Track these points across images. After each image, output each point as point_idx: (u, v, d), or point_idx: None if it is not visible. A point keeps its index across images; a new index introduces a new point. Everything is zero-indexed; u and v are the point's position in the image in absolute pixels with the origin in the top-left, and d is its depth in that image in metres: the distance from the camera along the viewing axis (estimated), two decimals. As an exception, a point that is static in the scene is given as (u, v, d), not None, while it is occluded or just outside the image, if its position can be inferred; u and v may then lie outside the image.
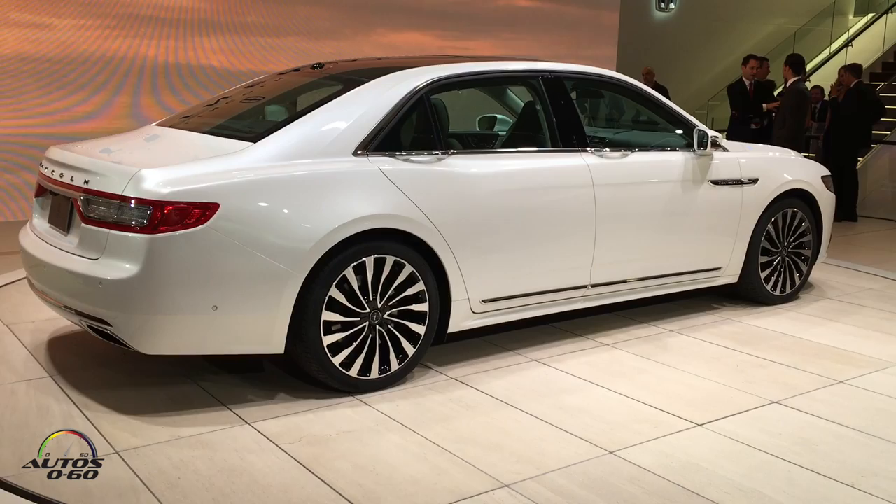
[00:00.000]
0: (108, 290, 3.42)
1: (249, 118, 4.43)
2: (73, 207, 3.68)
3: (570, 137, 4.55)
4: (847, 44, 16.39)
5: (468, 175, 4.12)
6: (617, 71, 5.27)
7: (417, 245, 3.94)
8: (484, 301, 4.23)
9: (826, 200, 5.72)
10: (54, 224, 3.92)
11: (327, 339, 3.72)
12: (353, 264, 3.74)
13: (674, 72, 13.85)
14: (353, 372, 3.82)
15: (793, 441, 3.48)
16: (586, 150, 4.57)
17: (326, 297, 3.68)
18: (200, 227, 3.42)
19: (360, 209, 3.73)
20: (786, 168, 5.51)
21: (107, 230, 3.47)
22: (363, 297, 3.79)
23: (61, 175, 3.78)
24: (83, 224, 3.59)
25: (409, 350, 3.98)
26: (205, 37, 8.46)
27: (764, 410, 3.81)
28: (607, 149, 4.71)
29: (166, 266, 3.39)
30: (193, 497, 2.92)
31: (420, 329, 4.00)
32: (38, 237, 3.96)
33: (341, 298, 3.73)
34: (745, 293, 5.52)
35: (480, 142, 4.76)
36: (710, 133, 5.00)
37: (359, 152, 3.86)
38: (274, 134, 3.79)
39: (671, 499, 2.99)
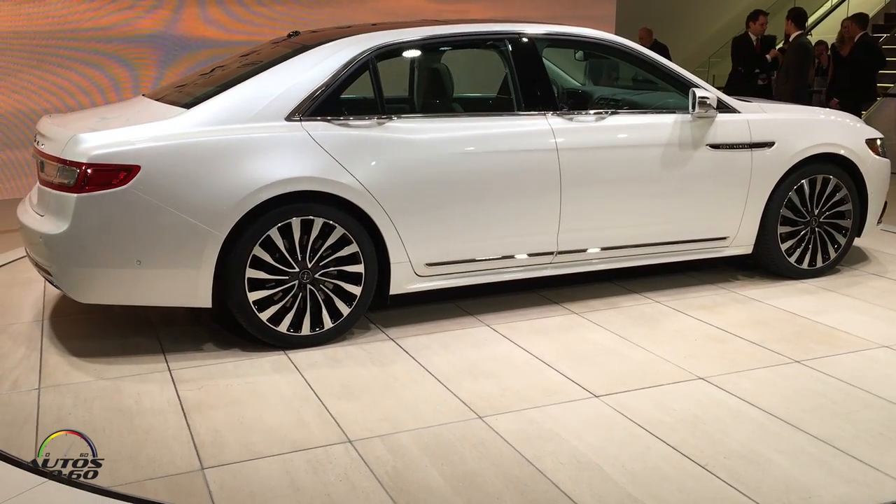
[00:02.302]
0: (48, 244, 3.80)
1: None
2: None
3: (534, 100, 4.46)
4: None
5: (409, 140, 4.16)
6: (616, 29, 5.07)
7: (351, 208, 4.04)
8: (429, 264, 4.27)
9: (872, 165, 5.20)
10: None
11: (253, 296, 3.93)
12: (278, 225, 3.91)
13: (674, 29, 13.56)
14: (283, 328, 4.01)
15: (679, 419, 3.31)
16: (553, 114, 4.45)
17: (250, 256, 3.88)
18: (122, 187, 3.71)
19: (281, 172, 3.89)
20: (813, 130, 5.07)
21: (50, 190, 3.85)
22: (291, 257, 3.96)
23: (36, 142, 4.20)
24: (38, 184, 4.00)
25: (345, 310, 4.11)
26: (200, 7, 8.45)
27: (680, 386, 3.63)
28: (582, 111, 4.57)
29: (91, 223, 3.72)
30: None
31: (356, 290, 4.12)
32: (28, 203, 4.41)
33: (266, 257, 3.92)
34: (767, 266, 5.17)
35: (440, 106, 4.73)
36: (712, 93, 4.70)
37: (292, 117, 4.01)
38: (209, 100, 4.01)
39: (500, 465, 2.96)
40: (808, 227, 5.12)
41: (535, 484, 2.84)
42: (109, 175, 3.71)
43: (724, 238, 4.94)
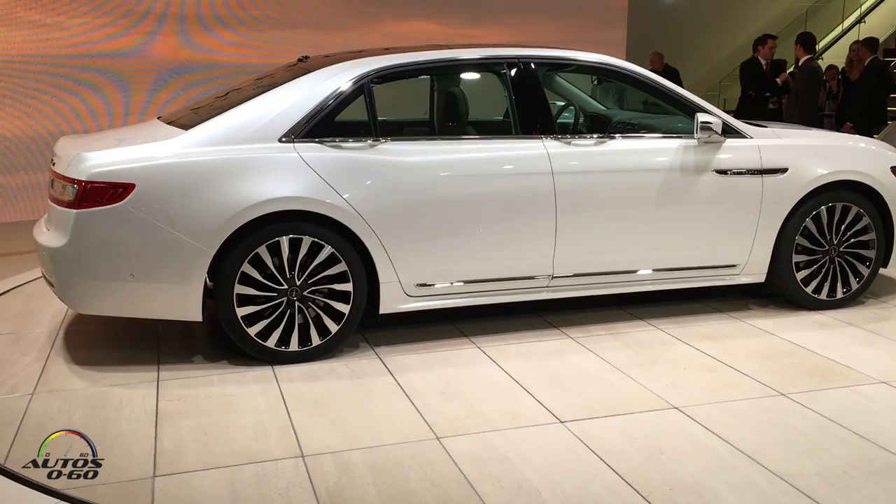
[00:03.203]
0: (50, 257, 4.00)
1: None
2: (52, 187, 4.33)
3: (531, 124, 4.47)
4: (860, 20, 15.95)
5: (400, 162, 4.22)
6: (627, 53, 5.06)
7: (340, 228, 4.13)
8: (419, 285, 4.32)
9: (899, 193, 5.01)
10: None
11: (241, 311, 4.05)
12: (266, 243, 4.02)
13: (685, 53, 13.70)
14: (271, 343, 4.11)
15: (638, 448, 3.25)
16: (550, 138, 4.46)
17: (239, 272, 4.01)
18: (118, 204, 3.89)
19: (268, 192, 4.00)
20: (832, 157, 4.91)
21: (55, 206, 4.06)
22: (280, 275, 4.07)
23: (52, 161, 4.44)
24: (48, 200, 4.22)
25: (333, 328, 4.19)
26: (217, 32, 8.61)
27: (651, 415, 3.57)
28: (582, 135, 4.56)
29: (88, 237, 3.91)
30: (38, 439, 3.36)
31: (344, 308, 4.19)
32: (43, 221, 4.60)
33: (255, 274, 4.04)
34: (783, 295, 5.03)
35: (436, 130, 4.77)
36: (717, 118, 4.61)
37: (284, 139, 4.13)
38: (207, 122, 4.17)
39: (440, 486, 2.98)
40: (826, 257, 4.95)
41: (469, 506, 2.85)
42: (106, 192, 3.89)
43: (734, 266, 4.82)
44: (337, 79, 4.28)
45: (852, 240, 4.98)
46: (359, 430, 3.42)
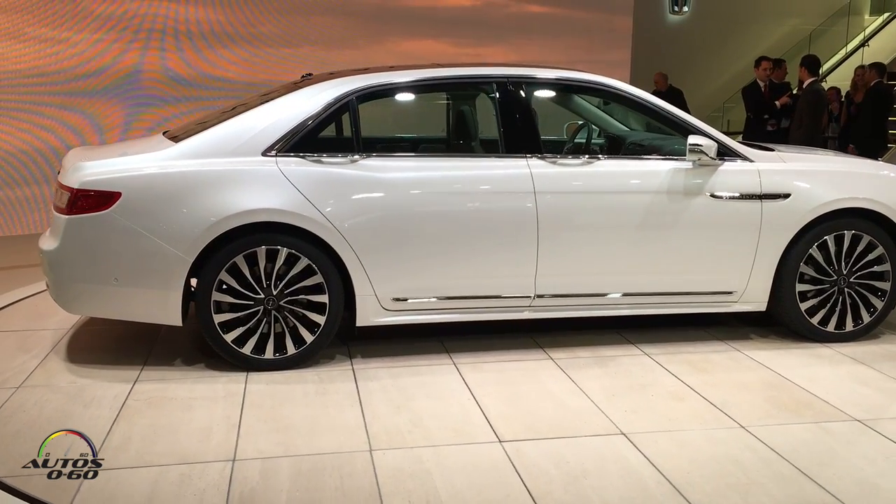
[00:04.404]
0: (45, 259, 4.26)
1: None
2: (59, 195, 4.59)
3: (517, 144, 4.47)
4: (863, 44, 16.32)
5: (379, 178, 4.30)
6: (632, 74, 4.99)
7: (317, 241, 4.23)
8: (396, 299, 4.37)
9: (917, 223, 4.76)
10: None
11: (219, 318, 4.20)
12: (243, 253, 4.16)
13: (689, 75, 13.78)
14: (246, 350, 4.25)
15: (565, 472, 3.21)
16: (535, 157, 4.45)
17: (216, 280, 4.16)
18: (104, 211, 4.10)
19: (246, 203, 4.14)
20: (840, 183, 4.71)
21: (54, 212, 4.32)
22: (257, 284, 4.20)
23: (59, 171, 4.71)
24: (52, 207, 4.49)
25: (309, 338, 4.29)
26: (220, 48, 8.69)
27: (595, 440, 3.51)
28: (569, 155, 4.53)
29: (76, 242, 4.14)
30: (5, 431, 3.59)
31: (320, 319, 4.29)
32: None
33: (232, 282, 4.18)
34: (787, 325, 4.84)
35: (419, 147, 4.81)
36: (712, 141, 4.49)
37: (268, 153, 4.27)
38: (196, 135, 4.35)
39: (350, 498, 3.02)
40: (834, 287, 4.75)
41: (368, 519, 2.88)
42: (94, 200, 4.11)
43: (731, 293, 4.68)
44: (322, 96, 4.40)
45: (865, 270, 4.75)
46: (299, 438, 3.50)
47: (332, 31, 9.32)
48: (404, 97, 4.83)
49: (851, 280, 4.76)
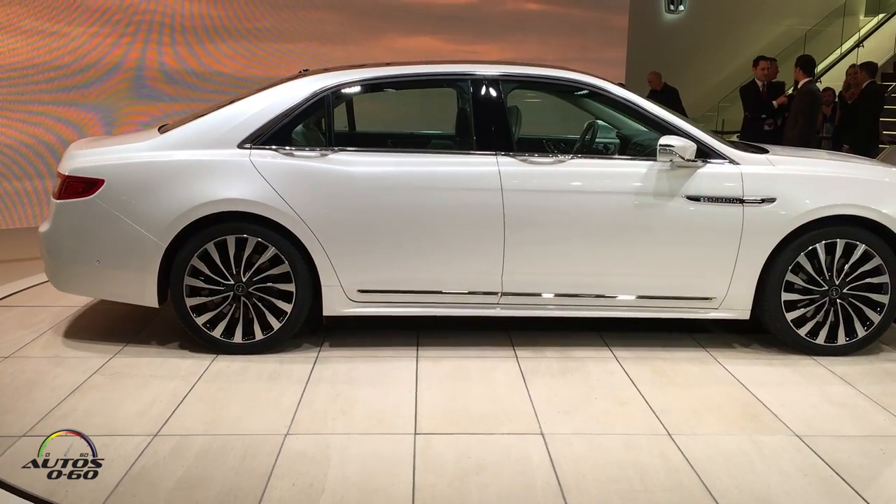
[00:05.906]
0: (40, 241, 4.59)
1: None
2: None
3: (487, 141, 4.48)
4: (858, 44, 16.42)
5: (347, 172, 4.40)
6: (627, 73, 4.91)
7: (285, 231, 4.38)
8: (361, 291, 4.47)
9: (918, 233, 4.47)
10: None
11: (191, 301, 4.42)
12: (214, 240, 4.36)
13: (684, 74, 13.59)
14: (216, 333, 4.45)
15: (461, 467, 3.23)
16: (506, 155, 4.44)
17: (188, 266, 4.38)
18: (89, 197, 4.39)
19: (217, 193, 4.33)
20: (833, 188, 4.47)
21: (52, 197, 4.65)
22: (227, 270, 4.40)
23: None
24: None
25: (276, 325, 4.46)
26: (217, 43, 8.66)
27: (510, 438, 3.50)
28: (541, 154, 4.51)
29: (65, 225, 4.44)
30: (-22, 391, 3.92)
31: (287, 307, 4.45)
32: None
33: (203, 268, 4.39)
34: (775, 336, 4.65)
35: (392, 142, 4.85)
36: (688, 142, 4.35)
37: (243, 146, 4.44)
38: (179, 126, 4.58)
39: (240, 476, 3.14)
40: (825, 298, 4.53)
41: (245, 498, 2.99)
42: (80, 186, 4.40)
43: (709, 299, 4.54)
44: (299, 91, 4.54)
45: (860, 281, 4.51)
46: (227, 419, 3.65)
47: (328, 27, 9.37)
48: (379, 94, 4.91)
49: (845, 291, 4.52)
